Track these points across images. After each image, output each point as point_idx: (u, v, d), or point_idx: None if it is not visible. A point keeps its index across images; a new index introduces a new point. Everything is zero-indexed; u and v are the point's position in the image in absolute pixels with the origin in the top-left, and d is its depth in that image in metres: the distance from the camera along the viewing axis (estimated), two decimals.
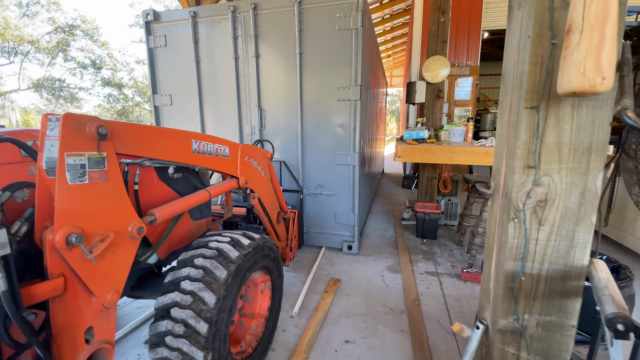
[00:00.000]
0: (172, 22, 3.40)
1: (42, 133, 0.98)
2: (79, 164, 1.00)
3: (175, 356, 1.25)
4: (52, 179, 0.97)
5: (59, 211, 0.96)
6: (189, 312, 1.26)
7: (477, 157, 2.59)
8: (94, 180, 1.04)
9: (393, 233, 4.01)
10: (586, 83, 0.65)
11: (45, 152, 0.97)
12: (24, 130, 1.19)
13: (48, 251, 0.96)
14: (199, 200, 1.59)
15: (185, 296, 1.29)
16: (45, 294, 0.96)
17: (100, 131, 1.04)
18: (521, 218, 0.86)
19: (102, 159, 1.07)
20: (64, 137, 0.96)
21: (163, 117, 3.71)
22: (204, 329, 1.25)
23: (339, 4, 2.85)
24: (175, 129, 1.49)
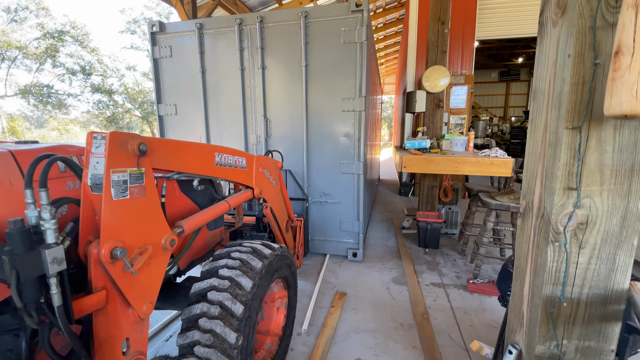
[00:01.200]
0: (178, 33, 3.42)
1: (87, 151, 1.01)
2: (122, 180, 1.03)
3: (206, 338, 1.24)
4: (95, 194, 1.01)
5: (104, 226, 0.98)
6: (225, 295, 1.31)
7: (483, 167, 2.59)
8: (134, 195, 1.08)
9: (395, 242, 3.98)
10: (639, 106, 0.63)
11: (90, 169, 1.01)
12: (59, 146, 1.22)
13: (92, 265, 0.99)
14: (221, 211, 1.62)
15: (223, 281, 1.36)
16: (90, 307, 1.00)
17: (141, 148, 1.08)
18: (562, 241, 0.83)
19: (141, 174, 1.10)
20: (110, 154, 0.99)
21: (167, 127, 3.71)
22: (239, 310, 1.29)
23: (344, 19, 2.92)
24: (202, 143, 1.53)
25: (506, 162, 2.53)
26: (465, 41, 6.40)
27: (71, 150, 1.23)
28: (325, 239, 3.47)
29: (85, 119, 24.29)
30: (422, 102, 3.91)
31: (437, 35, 3.71)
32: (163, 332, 2.24)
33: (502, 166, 2.55)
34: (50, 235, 0.90)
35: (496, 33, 6.60)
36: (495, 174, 2.58)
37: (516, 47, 13.35)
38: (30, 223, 0.90)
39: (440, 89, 3.88)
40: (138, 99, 24.04)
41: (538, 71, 0.93)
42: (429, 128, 3.92)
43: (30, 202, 0.90)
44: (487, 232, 2.92)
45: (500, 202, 2.80)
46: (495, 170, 2.57)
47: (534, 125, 0.95)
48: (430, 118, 3.93)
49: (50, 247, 0.88)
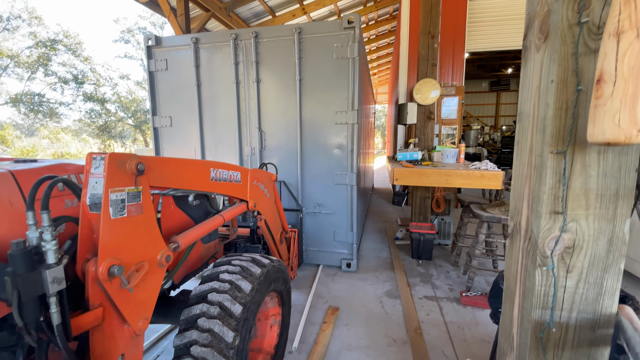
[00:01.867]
0: (174, 47, 3.48)
1: (86, 171, 1.03)
2: (120, 199, 1.06)
3: (204, 337, 1.26)
4: (93, 213, 1.03)
5: (102, 244, 1.01)
6: (225, 296, 1.36)
7: (473, 180, 2.60)
8: (131, 213, 1.10)
9: (388, 254, 3.96)
10: (621, 135, 0.64)
11: (89, 189, 1.03)
12: (58, 165, 1.25)
13: (90, 283, 1.01)
14: (216, 225, 1.65)
15: (223, 284, 1.41)
16: (87, 324, 1.02)
17: (139, 167, 1.11)
18: (549, 266, 0.83)
19: (138, 192, 1.13)
20: (109, 175, 1.02)
21: (162, 139, 3.73)
22: (238, 310, 1.33)
23: (336, 35, 3.01)
24: (197, 160, 1.57)
25: (496, 175, 2.55)
26: (455, 53, 6.52)
27: (70, 169, 1.26)
28: (320, 250, 3.50)
29: (78, 127, 24.07)
30: (414, 114, 3.95)
31: (427, 48, 3.77)
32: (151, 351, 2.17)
33: (492, 179, 2.56)
34: (51, 255, 0.92)
35: (486, 45, 6.75)
36: (486, 186, 2.60)
37: (505, 58, 13.65)
38: (31, 244, 0.92)
39: (431, 101, 3.93)
40: (131, 107, 23.93)
41: (523, 94, 0.94)
42: (420, 140, 3.95)
43: (32, 223, 0.92)
44: (479, 244, 2.92)
45: (491, 214, 2.81)
46: (486, 183, 2.59)
47: (520, 147, 0.96)
48: (422, 130, 3.96)
49: (51, 267, 0.91)
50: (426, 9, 3.70)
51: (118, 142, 24.34)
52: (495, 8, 6.45)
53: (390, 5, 8.76)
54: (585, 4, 0.73)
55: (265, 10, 7.06)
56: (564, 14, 0.76)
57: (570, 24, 0.75)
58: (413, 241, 3.71)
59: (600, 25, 0.73)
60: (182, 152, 3.68)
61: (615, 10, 0.64)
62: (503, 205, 2.90)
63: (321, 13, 8.27)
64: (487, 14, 6.51)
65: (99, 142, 23.02)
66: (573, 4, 0.75)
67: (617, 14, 0.63)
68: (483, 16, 6.52)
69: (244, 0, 6.23)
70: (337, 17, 8.72)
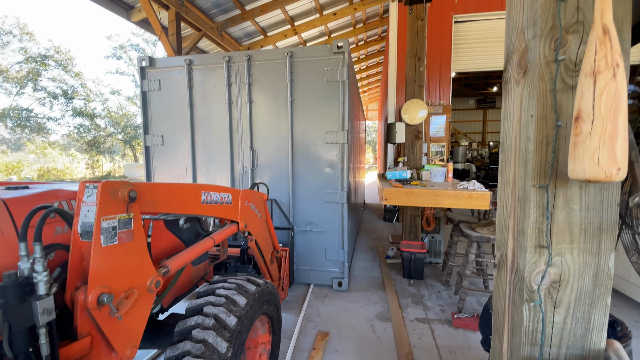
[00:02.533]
0: (167, 68, 3.54)
1: (78, 199, 1.04)
2: (111, 227, 1.06)
3: (197, 348, 1.26)
4: (84, 241, 1.03)
5: (93, 272, 1.00)
6: (221, 309, 1.39)
7: (461, 200, 2.61)
8: (122, 240, 1.10)
9: (379, 273, 3.90)
10: (601, 173, 0.64)
11: (81, 217, 1.03)
12: (50, 192, 1.25)
13: (79, 311, 1.00)
14: (206, 248, 1.65)
15: (219, 298, 1.44)
16: (75, 354, 1.00)
17: (131, 195, 1.11)
18: (537, 302, 0.81)
19: (130, 219, 1.13)
20: (101, 203, 1.02)
21: (153, 157, 3.75)
22: (232, 322, 1.36)
23: (326, 59, 3.11)
24: (189, 184, 1.62)
25: (484, 196, 2.57)
26: (442, 73, 6.71)
27: (61, 195, 1.27)
28: (311, 269, 3.46)
29: (66, 142, 23.69)
30: (402, 134, 4.00)
31: (414, 70, 3.86)
32: None
33: (480, 199, 2.58)
34: (42, 286, 0.92)
35: (471, 66, 6.97)
36: (474, 206, 2.61)
37: (491, 77, 14.11)
38: (22, 275, 0.92)
39: (419, 121, 3.99)
40: (121, 122, 23.74)
41: (504, 126, 0.95)
42: (409, 158, 3.99)
43: (24, 254, 0.92)
44: (469, 264, 2.91)
45: (480, 234, 2.81)
46: (474, 203, 2.60)
47: (503, 178, 0.96)
48: (410, 149, 4.00)
49: (41, 298, 0.91)
50: (412, 32, 3.81)
51: (107, 157, 23.99)
52: (479, 31, 6.71)
53: (379, 27, 9.03)
54: (562, 42, 0.75)
55: (257, 30, 7.19)
56: (541, 51, 0.77)
57: (548, 61, 0.77)
58: (404, 260, 3.67)
59: (576, 62, 0.75)
60: (174, 170, 3.69)
61: (591, 50, 0.65)
62: (492, 224, 2.91)
63: (312, 33, 8.47)
64: (472, 37, 6.76)
65: (87, 157, 22.66)
66: (550, 42, 0.76)
67: (593, 54, 0.65)
68: (468, 38, 6.77)
69: (236, 21, 6.34)
70: (327, 38, 8.94)
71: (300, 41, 8.55)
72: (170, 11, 5.10)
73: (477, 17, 6.62)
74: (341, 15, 7.39)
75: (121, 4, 5.27)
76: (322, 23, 7.48)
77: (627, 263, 1.34)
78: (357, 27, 8.89)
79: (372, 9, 8.02)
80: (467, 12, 6.57)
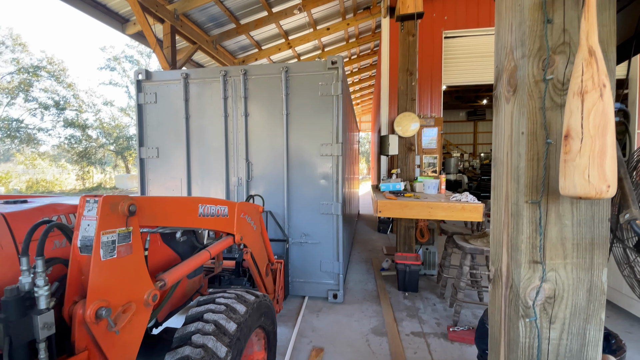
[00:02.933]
0: (164, 81, 3.59)
1: (79, 214, 1.05)
2: (111, 240, 1.07)
3: (197, 353, 1.26)
4: (84, 255, 1.03)
5: (92, 286, 1.00)
6: (221, 315, 1.42)
7: (455, 212, 2.63)
8: (121, 254, 1.10)
9: (374, 285, 3.87)
10: (592, 190, 0.65)
11: (81, 231, 1.04)
12: (49, 205, 1.26)
13: (77, 326, 1.00)
14: (202, 261, 1.64)
15: (219, 306, 1.48)
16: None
17: (131, 209, 1.12)
18: (532, 317, 0.81)
19: (129, 233, 1.14)
20: (102, 217, 1.03)
21: (148, 169, 3.76)
22: (232, 328, 1.39)
23: (321, 74, 3.20)
24: (187, 197, 1.60)
25: (476, 208, 2.59)
26: (433, 86, 6.85)
27: (60, 209, 1.28)
28: (306, 281, 3.45)
29: (56, 152, 23.36)
30: (395, 146, 4.04)
31: (406, 84, 3.93)
32: None
33: (473, 211, 2.60)
34: (43, 301, 0.93)
35: (461, 80, 7.13)
36: (467, 218, 2.63)
37: (480, 90, 14.45)
38: (23, 289, 0.92)
39: (411, 134, 4.04)
40: (114, 133, 23.55)
41: (496, 141, 0.96)
42: (402, 170, 4.02)
43: (25, 269, 0.93)
44: (464, 276, 2.90)
45: (474, 245, 2.82)
46: (467, 215, 2.62)
47: (496, 193, 0.97)
48: (403, 161, 4.04)
49: (42, 312, 0.92)
50: (404, 48, 3.90)
51: (98, 168, 23.68)
52: (468, 46, 6.91)
53: (371, 41, 9.24)
54: (550, 62, 0.78)
55: (252, 44, 7.29)
56: (530, 71, 0.79)
57: (537, 80, 0.79)
58: (399, 272, 3.65)
59: (564, 82, 0.77)
60: (168, 183, 3.70)
61: (578, 71, 0.67)
62: (485, 236, 2.92)
63: (306, 47, 8.62)
64: (462, 52, 6.94)
65: (78, 169, 22.35)
66: (538, 62, 0.79)
67: (580, 74, 0.67)
68: (458, 53, 6.95)
69: (231, 35, 6.43)
70: (320, 52, 9.09)
71: (294, 54, 8.68)
72: (166, 24, 5.15)
73: (466, 33, 6.82)
74: (334, 30, 7.55)
75: (116, 17, 5.31)
76: (316, 37, 7.62)
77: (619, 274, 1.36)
78: (350, 41, 9.08)
79: (365, 24, 8.21)
80: (456, 28, 6.77)
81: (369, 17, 7.33)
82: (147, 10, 4.81)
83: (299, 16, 6.68)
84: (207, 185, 3.62)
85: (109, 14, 5.21)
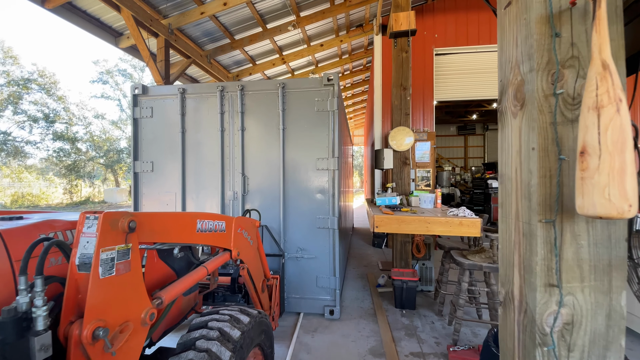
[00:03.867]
0: (161, 96, 3.60)
1: (78, 231, 1.01)
2: (110, 258, 1.03)
3: (200, 357, 1.25)
4: (81, 273, 0.99)
5: (89, 306, 0.96)
6: (225, 324, 1.43)
7: (453, 227, 2.59)
8: (120, 271, 1.07)
9: (370, 303, 3.77)
10: (613, 210, 0.61)
11: (80, 249, 1.00)
12: (46, 222, 1.23)
13: (73, 347, 0.95)
14: (199, 278, 1.61)
15: (223, 315, 1.49)
16: None
17: (131, 225, 1.09)
18: (550, 346, 0.75)
19: (128, 250, 1.11)
20: (102, 234, 1.00)
21: (142, 183, 3.72)
22: (236, 334, 1.40)
23: (317, 90, 3.25)
24: (185, 212, 1.60)
25: (474, 223, 2.56)
26: (425, 102, 6.95)
27: (57, 226, 1.25)
28: (302, 297, 3.38)
29: (44, 165, 22.90)
30: (390, 160, 4.03)
31: (400, 99, 3.97)
32: None
33: (471, 226, 2.57)
34: (40, 322, 0.90)
35: (452, 95, 7.26)
36: (465, 234, 2.59)
37: (470, 105, 14.77)
38: (20, 309, 0.89)
39: (406, 147, 4.05)
40: (104, 146, 23.25)
41: (503, 157, 0.93)
42: (397, 184, 4.00)
43: (24, 288, 0.89)
44: (462, 293, 2.84)
45: (473, 261, 2.77)
46: (465, 230, 2.59)
47: (504, 211, 0.92)
48: (398, 175, 4.02)
49: (39, 334, 0.88)
50: (397, 64, 3.95)
51: (86, 181, 23.22)
52: (459, 63, 7.08)
53: (364, 58, 9.41)
54: (559, 76, 0.75)
55: (246, 58, 7.34)
56: (539, 85, 0.77)
57: (546, 94, 0.76)
58: (396, 289, 3.57)
59: (574, 96, 0.75)
60: (163, 197, 3.66)
61: (592, 85, 0.64)
62: (483, 251, 2.88)
63: (300, 63, 8.72)
64: (452, 69, 7.10)
65: (66, 182, 21.88)
66: (547, 76, 0.76)
67: (594, 88, 0.64)
68: (449, 70, 7.11)
69: (225, 49, 6.46)
70: (314, 67, 9.21)
71: (288, 70, 8.77)
72: (160, 39, 5.15)
73: (457, 51, 7.00)
74: (328, 46, 7.67)
75: (110, 31, 5.30)
76: (310, 53, 7.73)
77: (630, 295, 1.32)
78: (343, 57, 9.23)
79: (358, 41, 8.38)
80: (446, 46, 6.94)
81: (361, 34, 7.48)
82: (141, 25, 4.82)
83: (293, 32, 6.78)
84: (202, 199, 3.58)
85: (102, 27, 5.19)
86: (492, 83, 7.03)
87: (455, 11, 6.89)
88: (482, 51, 6.96)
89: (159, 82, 5.12)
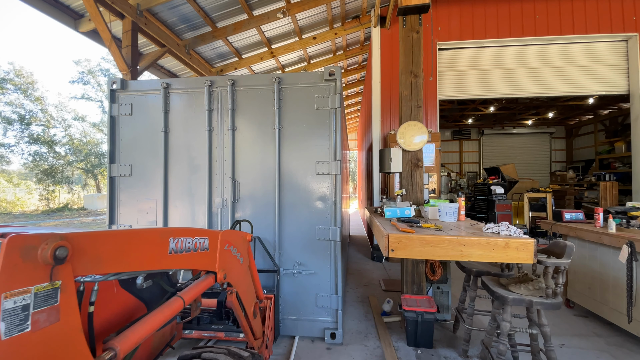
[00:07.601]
0: (141, 91, 3.24)
1: None
2: (21, 306, 0.69)
3: None
4: None
5: None
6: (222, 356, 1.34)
7: (497, 252, 1.90)
8: (39, 324, 0.73)
9: (376, 339, 3.05)
10: None
11: None
12: None
13: None
14: (172, 313, 1.25)
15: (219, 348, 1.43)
16: None
17: (58, 254, 0.75)
18: None
19: (55, 290, 0.76)
20: (5, 270, 0.66)
21: (119, 189, 3.34)
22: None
23: (317, 86, 2.93)
24: (153, 229, 1.17)
25: (525, 245, 1.88)
26: (428, 99, 6.36)
27: None
28: (298, 318, 3.01)
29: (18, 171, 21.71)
30: (398, 162, 3.35)
31: (410, 89, 3.31)
32: None
33: (521, 250, 1.88)
34: None
35: (457, 94, 6.69)
36: (513, 260, 1.90)
37: (466, 109, 14.35)
38: None
39: (416, 147, 3.38)
40: (84, 150, 22.10)
41: None
42: (408, 191, 3.32)
43: None
44: (502, 337, 2.15)
45: (518, 294, 2.09)
46: (512, 255, 1.90)
47: None
48: (409, 180, 3.34)
49: None
50: (407, 46, 3.30)
51: (65, 187, 21.99)
52: (464, 58, 6.52)
53: (359, 54, 8.81)
54: None
55: (231, 51, 6.63)
56: None
57: None
58: (408, 323, 2.87)
59: None
60: (142, 204, 3.26)
61: None
62: (529, 281, 2.21)
63: (290, 58, 8.05)
64: (457, 64, 6.54)
65: (42, 188, 20.67)
66: None
67: None
68: (453, 66, 6.54)
69: (206, 39, 5.74)
70: (306, 64, 8.56)
71: (277, 65, 8.09)
72: (126, 20, 4.40)
73: (462, 45, 6.45)
74: (321, 39, 7.02)
75: (68, 11, 4.53)
76: (302, 47, 7.07)
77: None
78: (338, 53, 8.61)
79: (353, 35, 7.77)
80: (450, 40, 6.38)
81: (358, 26, 6.87)
82: (102, 2, 4.06)
83: (283, 22, 6.11)
84: (186, 206, 3.19)
85: (59, 7, 4.42)
86: (500, 80, 6.48)
87: (459, 2, 6.34)
88: (489, 46, 6.42)
89: (123, 70, 4.37)
